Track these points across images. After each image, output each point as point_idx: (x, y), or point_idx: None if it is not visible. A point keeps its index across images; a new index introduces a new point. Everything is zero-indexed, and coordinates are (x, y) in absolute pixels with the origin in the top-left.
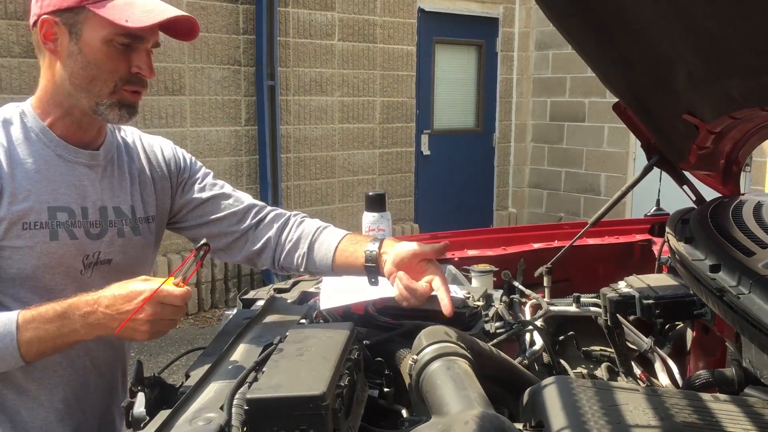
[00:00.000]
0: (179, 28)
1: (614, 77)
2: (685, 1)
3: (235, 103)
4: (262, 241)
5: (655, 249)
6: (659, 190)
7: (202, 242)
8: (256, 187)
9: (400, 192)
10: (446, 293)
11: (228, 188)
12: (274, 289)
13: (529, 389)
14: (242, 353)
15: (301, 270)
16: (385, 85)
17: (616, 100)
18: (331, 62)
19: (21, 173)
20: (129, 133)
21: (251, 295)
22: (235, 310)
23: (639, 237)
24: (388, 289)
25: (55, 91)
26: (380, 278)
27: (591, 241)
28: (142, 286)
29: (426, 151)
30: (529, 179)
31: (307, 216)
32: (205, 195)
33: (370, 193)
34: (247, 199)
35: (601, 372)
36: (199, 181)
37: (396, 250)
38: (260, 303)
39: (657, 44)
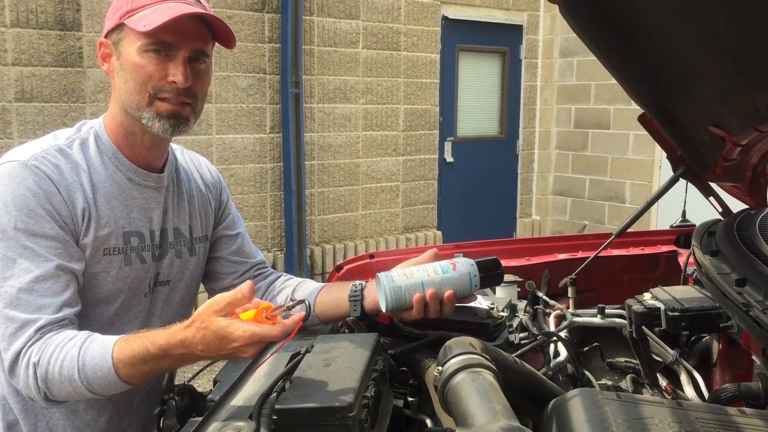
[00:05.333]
0: (218, 35)
1: (640, 89)
2: (712, 15)
3: (260, 110)
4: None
5: (681, 260)
6: (685, 201)
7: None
8: (281, 194)
9: (423, 199)
10: None
11: (246, 232)
12: None
13: (553, 401)
14: (270, 362)
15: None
16: (408, 93)
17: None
18: (355, 70)
19: (101, 198)
20: (177, 149)
21: None
22: None
23: (664, 248)
24: None
25: (118, 110)
26: None
27: (616, 252)
28: (235, 331)
29: (449, 159)
30: (553, 186)
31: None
32: (230, 231)
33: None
34: (259, 254)
35: (626, 383)
36: (230, 216)
37: None
38: None
39: (683, 57)
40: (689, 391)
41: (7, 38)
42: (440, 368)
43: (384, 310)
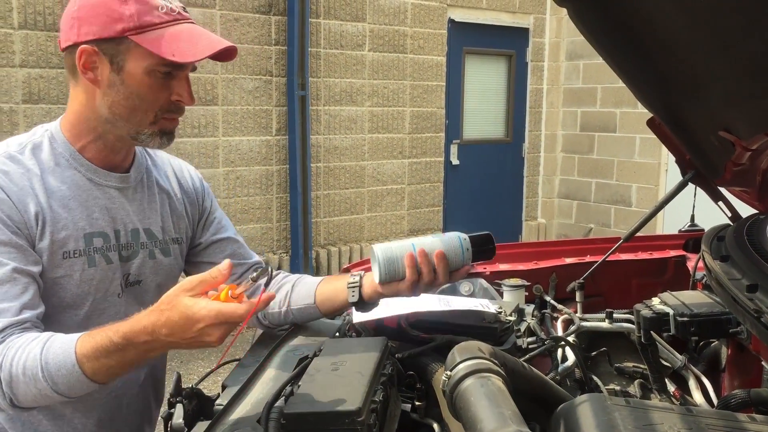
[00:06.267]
0: (219, 52)
1: (649, 92)
2: (723, 20)
3: (267, 112)
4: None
5: (690, 265)
6: (693, 205)
7: (259, 267)
8: (286, 196)
9: (429, 202)
10: None
11: (237, 235)
12: None
13: (561, 406)
14: (278, 366)
15: (283, 311)
16: (414, 95)
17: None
18: (361, 72)
19: (56, 201)
20: (157, 152)
21: None
22: None
23: (673, 253)
24: (420, 303)
25: (91, 117)
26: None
27: (624, 256)
28: (199, 311)
29: (455, 161)
30: (558, 190)
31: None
32: (220, 235)
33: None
34: (254, 256)
35: (634, 389)
36: (217, 220)
37: None
38: None
39: (694, 61)
40: (698, 396)
41: (15, 40)
42: (448, 373)
43: (377, 280)
